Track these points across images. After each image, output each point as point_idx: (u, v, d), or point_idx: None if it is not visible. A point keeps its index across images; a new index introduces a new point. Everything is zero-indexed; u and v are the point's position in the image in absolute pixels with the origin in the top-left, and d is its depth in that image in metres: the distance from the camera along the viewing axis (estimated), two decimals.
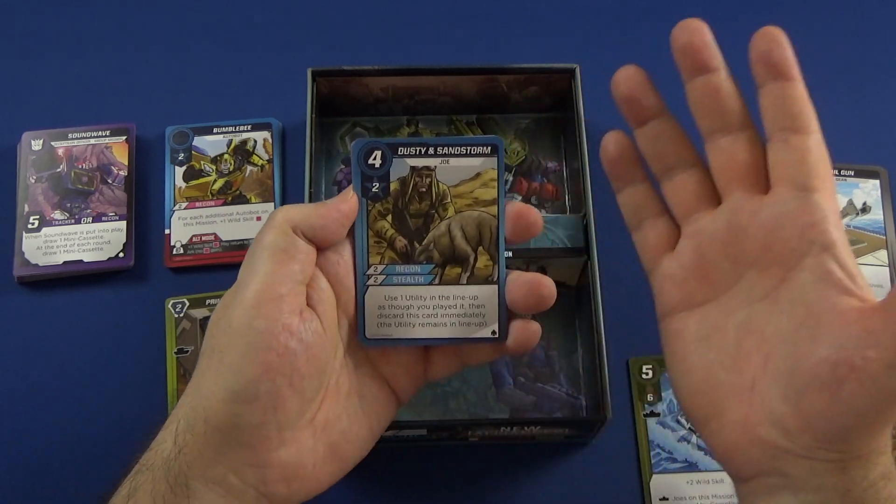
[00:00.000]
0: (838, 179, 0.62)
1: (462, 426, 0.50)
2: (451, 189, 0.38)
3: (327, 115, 0.60)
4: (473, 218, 0.38)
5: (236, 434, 0.33)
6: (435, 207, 0.39)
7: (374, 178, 0.38)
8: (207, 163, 0.61)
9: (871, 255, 0.59)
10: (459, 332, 0.39)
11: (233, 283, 0.36)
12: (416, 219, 0.39)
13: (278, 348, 0.33)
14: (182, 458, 0.33)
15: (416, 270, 0.39)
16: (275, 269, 0.34)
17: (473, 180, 0.38)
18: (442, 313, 0.39)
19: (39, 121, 0.62)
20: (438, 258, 0.39)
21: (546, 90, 0.59)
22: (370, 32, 0.66)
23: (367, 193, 0.38)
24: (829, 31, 0.67)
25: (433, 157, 0.38)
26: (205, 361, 0.35)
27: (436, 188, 0.38)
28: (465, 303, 0.39)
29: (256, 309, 0.34)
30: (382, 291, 0.39)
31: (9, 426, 0.54)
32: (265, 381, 0.33)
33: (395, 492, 0.53)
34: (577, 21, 0.67)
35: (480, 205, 0.38)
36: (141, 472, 0.33)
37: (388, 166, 0.38)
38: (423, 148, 0.38)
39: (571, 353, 0.55)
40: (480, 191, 0.38)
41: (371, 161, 0.38)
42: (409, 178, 0.38)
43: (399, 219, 0.39)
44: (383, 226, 0.38)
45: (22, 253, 0.58)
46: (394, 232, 0.39)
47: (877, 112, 0.64)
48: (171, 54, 0.65)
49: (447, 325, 0.39)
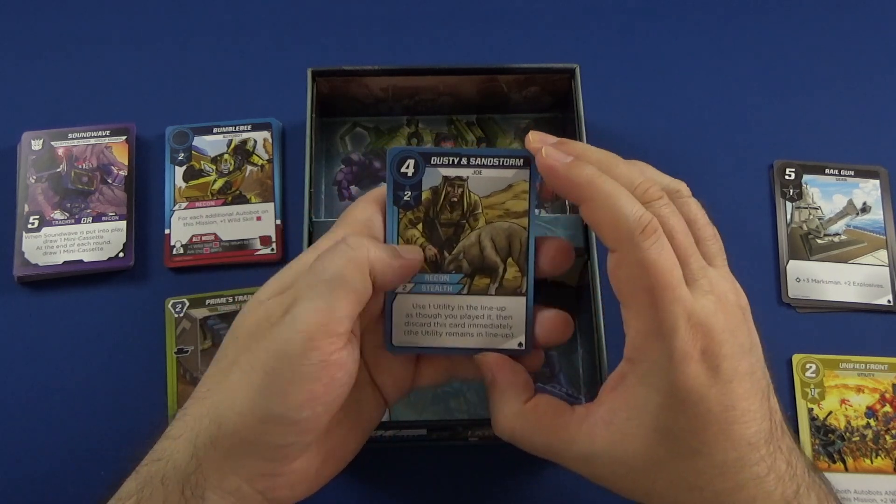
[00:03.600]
0: (838, 179, 0.62)
1: (462, 426, 0.50)
2: (483, 200, 0.38)
3: (327, 115, 0.60)
4: (504, 229, 0.38)
5: (261, 450, 0.34)
6: (466, 217, 0.38)
7: (406, 186, 0.38)
8: (207, 163, 0.61)
9: (871, 255, 0.59)
10: (486, 342, 0.39)
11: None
12: (447, 228, 0.39)
13: (326, 380, 0.33)
14: (200, 472, 0.33)
15: (444, 280, 0.39)
16: (338, 305, 0.34)
17: (505, 192, 0.38)
18: (469, 323, 0.39)
19: (39, 121, 0.62)
20: (468, 268, 0.39)
21: (546, 90, 0.59)
22: (370, 32, 0.66)
23: (399, 202, 0.38)
24: (830, 30, 0.67)
25: (466, 168, 0.38)
26: (237, 375, 0.34)
27: (467, 198, 0.38)
28: (492, 313, 0.39)
29: (313, 341, 0.33)
30: (411, 300, 0.39)
31: (9, 426, 0.54)
32: (308, 408, 0.33)
33: (395, 492, 0.53)
34: (577, 21, 0.67)
35: (511, 216, 0.38)
36: (149, 485, 0.33)
37: (420, 175, 0.38)
38: (457, 158, 0.38)
39: (571, 353, 0.55)
40: (512, 202, 0.38)
41: (404, 170, 0.38)
42: (442, 188, 0.38)
43: (430, 228, 0.39)
44: (414, 234, 0.38)
45: (22, 253, 0.58)
46: (424, 240, 0.39)
47: (877, 112, 0.64)
48: (171, 54, 0.65)
49: (474, 335, 0.39)
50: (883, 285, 0.58)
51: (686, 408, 0.33)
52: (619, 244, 0.34)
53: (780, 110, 0.64)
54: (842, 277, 0.58)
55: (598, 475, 0.36)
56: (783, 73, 0.65)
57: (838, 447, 0.54)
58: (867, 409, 0.55)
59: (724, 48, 0.67)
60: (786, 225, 0.60)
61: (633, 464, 0.34)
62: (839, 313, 0.58)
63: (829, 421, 0.55)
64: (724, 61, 0.66)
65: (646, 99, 0.64)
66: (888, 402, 0.55)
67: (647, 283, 0.33)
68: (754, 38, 0.67)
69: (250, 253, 0.58)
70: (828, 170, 0.62)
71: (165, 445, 0.34)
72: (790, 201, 0.61)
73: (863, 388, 0.55)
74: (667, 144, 0.62)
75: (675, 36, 0.67)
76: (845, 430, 0.54)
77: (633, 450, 0.34)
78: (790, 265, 0.59)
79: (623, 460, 0.35)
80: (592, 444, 0.35)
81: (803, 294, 0.58)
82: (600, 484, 0.36)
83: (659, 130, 0.63)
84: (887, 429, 0.54)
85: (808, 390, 0.55)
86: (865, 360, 0.56)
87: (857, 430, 0.54)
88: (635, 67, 0.66)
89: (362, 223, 0.38)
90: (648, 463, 0.34)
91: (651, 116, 0.63)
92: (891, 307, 0.58)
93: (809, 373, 0.56)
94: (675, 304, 0.33)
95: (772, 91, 0.65)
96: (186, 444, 0.33)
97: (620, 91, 0.64)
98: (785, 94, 0.65)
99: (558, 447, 0.37)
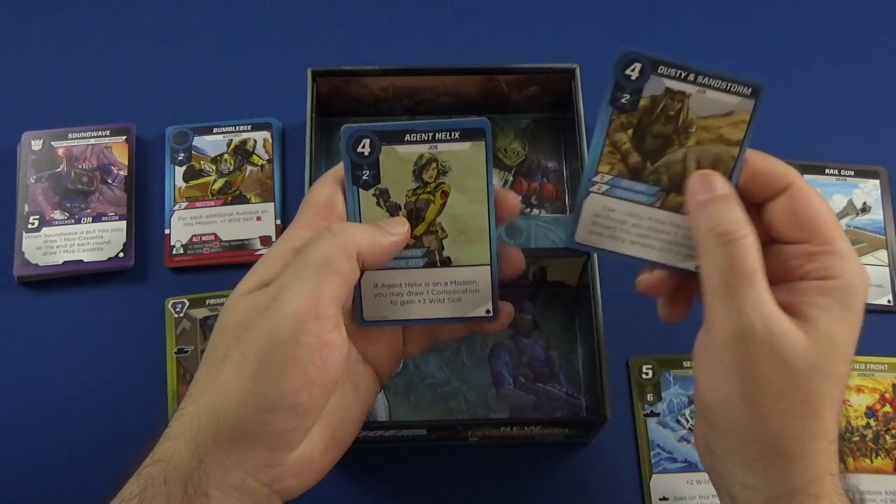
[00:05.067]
0: (838, 179, 0.62)
1: (462, 426, 0.50)
2: (699, 120, 0.38)
3: (327, 115, 0.60)
4: (713, 153, 0.38)
5: (263, 439, 0.34)
6: (678, 133, 0.38)
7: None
8: (207, 163, 0.61)
9: (871, 255, 0.59)
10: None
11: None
12: (656, 140, 0.38)
13: (318, 362, 0.33)
14: (202, 469, 0.33)
15: (641, 189, 0.39)
16: (325, 289, 0.34)
17: (724, 117, 0.38)
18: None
19: (39, 121, 0.62)
20: (667, 182, 0.38)
21: (546, 90, 0.59)
22: (370, 32, 0.66)
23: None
24: (830, 30, 0.67)
25: (692, 84, 0.37)
26: (230, 367, 0.34)
27: (684, 115, 0.38)
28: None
29: (303, 325, 0.33)
30: (602, 202, 0.39)
31: (9, 426, 0.54)
32: (304, 392, 0.33)
33: (395, 492, 0.53)
34: (577, 21, 0.67)
35: (723, 142, 0.38)
36: (151, 485, 0.33)
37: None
38: (685, 73, 0.37)
39: (571, 353, 0.55)
40: (727, 129, 0.38)
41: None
42: (661, 98, 0.38)
43: (639, 135, 0.38)
44: (622, 138, 0.38)
45: (22, 253, 0.58)
46: (630, 146, 0.38)
47: (877, 112, 0.64)
48: (171, 54, 0.65)
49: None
50: (883, 285, 0.58)
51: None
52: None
53: (780, 110, 0.64)
54: None
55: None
56: (783, 73, 0.65)
57: (838, 447, 0.54)
58: (867, 409, 0.55)
59: (724, 48, 0.67)
60: None
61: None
62: None
63: None
64: (724, 61, 0.66)
65: None
66: (888, 402, 0.55)
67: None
68: (754, 38, 0.67)
69: (250, 253, 0.58)
70: (828, 170, 0.62)
71: (166, 446, 0.34)
72: None
73: (863, 388, 0.55)
74: None
75: (675, 36, 0.67)
76: (845, 430, 0.54)
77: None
78: None
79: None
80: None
81: None
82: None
83: None
84: (887, 429, 0.54)
85: None
86: (865, 360, 0.56)
87: (857, 430, 0.54)
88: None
89: (324, 204, 0.38)
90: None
91: None
92: (891, 307, 0.58)
93: None
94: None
95: (772, 91, 0.64)
96: (187, 443, 0.33)
97: None
98: (785, 94, 0.64)
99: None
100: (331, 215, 0.38)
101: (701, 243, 0.36)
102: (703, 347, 0.36)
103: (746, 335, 0.34)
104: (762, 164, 0.37)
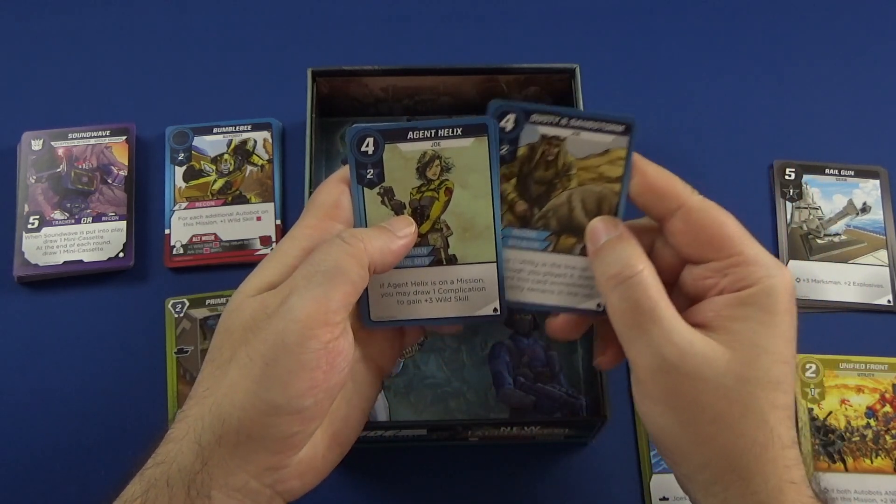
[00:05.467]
0: (838, 179, 0.62)
1: (462, 426, 0.50)
2: (578, 161, 0.38)
3: (327, 115, 0.60)
4: (595, 192, 0.39)
5: (267, 443, 0.34)
6: (559, 177, 0.39)
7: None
8: (207, 163, 0.61)
9: (871, 255, 0.59)
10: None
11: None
12: (539, 185, 0.39)
13: (325, 367, 0.34)
14: (205, 471, 0.33)
15: (531, 236, 0.39)
16: (335, 296, 0.34)
17: (601, 156, 0.38)
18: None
19: (39, 121, 0.62)
20: (555, 226, 0.39)
21: (546, 90, 0.59)
22: (370, 32, 0.66)
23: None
24: (830, 30, 0.67)
25: (565, 129, 0.38)
26: (236, 370, 0.34)
27: (563, 158, 0.38)
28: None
29: (311, 330, 0.33)
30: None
31: (9, 426, 0.54)
32: (310, 396, 0.33)
33: (395, 492, 0.53)
34: (577, 21, 0.67)
35: (604, 181, 0.38)
36: (154, 487, 0.33)
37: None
38: (557, 118, 0.38)
39: (571, 353, 0.55)
40: (607, 167, 0.38)
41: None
42: (539, 146, 0.38)
43: (522, 183, 0.39)
44: (506, 188, 0.39)
45: (22, 253, 0.58)
46: (515, 196, 0.39)
47: (877, 112, 0.64)
48: (171, 54, 0.65)
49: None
50: (883, 285, 0.58)
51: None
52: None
53: (780, 110, 0.64)
54: (842, 277, 0.59)
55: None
56: (783, 73, 0.65)
57: (838, 447, 0.54)
58: (867, 409, 0.55)
59: (724, 48, 0.67)
60: (786, 225, 0.60)
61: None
62: (839, 313, 0.58)
63: (829, 421, 0.55)
64: (724, 61, 0.66)
65: (645, 99, 0.64)
66: (888, 402, 0.55)
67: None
68: (754, 38, 0.67)
69: (250, 253, 0.58)
70: (828, 170, 0.62)
71: (169, 448, 0.34)
72: (790, 201, 0.61)
73: (863, 388, 0.55)
74: (667, 144, 0.62)
75: (675, 36, 0.67)
76: (845, 430, 0.54)
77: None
78: (790, 265, 0.59)
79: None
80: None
81: (803, 294, 0.58)
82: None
83: (659, 130, 0.63)
84: (887, 429, 0.54)
85: (808, 390, 0.55)
86: (865, 360, 0.56)
87: (857, 430, 0.54)
88: (635, 67, 0.66)
89: (331, 204, 0.38)
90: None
91: (651, 116, 0.63)
92: (891, 307, 0.58)
93: (809, 373, 0.56)
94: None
95: (772, 91, 0.65)
96: (190, 445, 0.33)
97: (620, 91, 0.64)
98: (785, 94, 0.65)
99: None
100: (338, 215, 0.38)
101: (601, 291, 0.37)
102: (634, 385, 0.36)
103: (663, 368, 0.34)
104: (654, 181, 0.38)
